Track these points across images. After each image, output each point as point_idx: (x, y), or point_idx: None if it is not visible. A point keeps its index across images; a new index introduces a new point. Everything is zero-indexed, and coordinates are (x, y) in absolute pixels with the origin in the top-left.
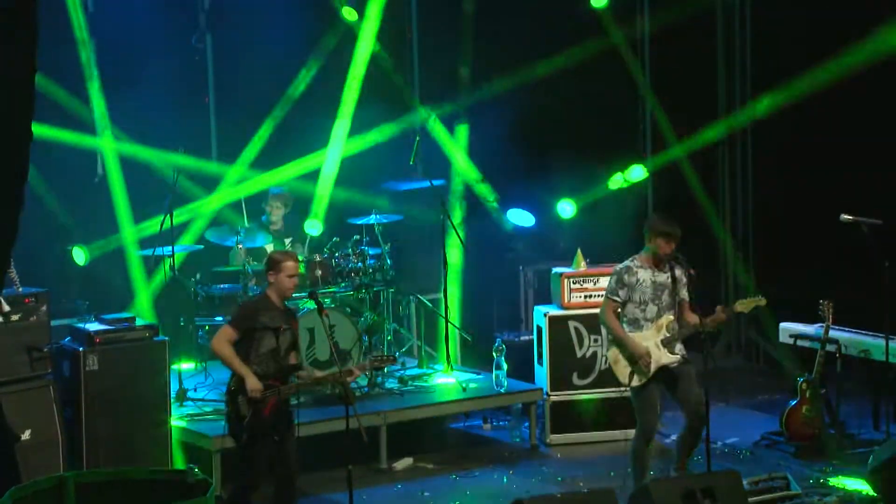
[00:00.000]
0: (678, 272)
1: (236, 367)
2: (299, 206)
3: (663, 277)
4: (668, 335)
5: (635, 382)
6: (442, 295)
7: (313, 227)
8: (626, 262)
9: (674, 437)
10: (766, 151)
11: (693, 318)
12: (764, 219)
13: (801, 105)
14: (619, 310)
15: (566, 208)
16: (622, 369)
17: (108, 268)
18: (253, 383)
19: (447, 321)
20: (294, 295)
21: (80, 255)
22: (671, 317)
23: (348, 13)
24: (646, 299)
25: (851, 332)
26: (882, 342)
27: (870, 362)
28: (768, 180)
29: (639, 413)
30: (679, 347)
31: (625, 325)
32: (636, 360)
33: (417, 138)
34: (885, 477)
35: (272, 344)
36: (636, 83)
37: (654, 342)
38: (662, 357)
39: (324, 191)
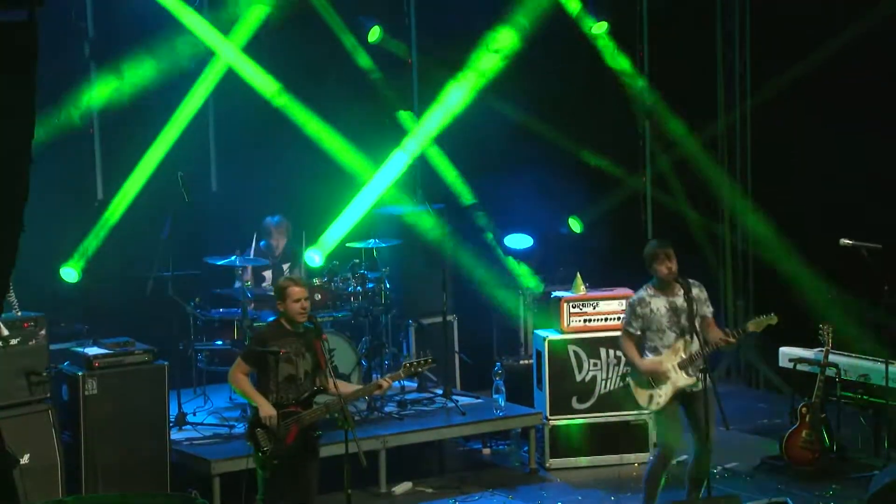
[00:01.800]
0: (696, 291)
1: (251, 396)
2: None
3: (679, 301)
4: (684, 357)
5: (654, 406)
6: (441, 319)
7: (313, 257)
8: (640, 293)
9: (683, 458)
10: (766, 176)
11: (717, 334)
12: (764, 241)
13: (800, 130)
14: (640, 339)
15: (573, 226)
16: (642, 393)
17: (105, 290)
18: (266, 410)
19: (447, 345)
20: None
21: (70, 274)
22: (688, 339)
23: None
24: (662, 327)
25: (851, 356)
26: (881, 367)
27: (869, 387)
28: (768, 203)
29: (660, 435)
30: (697, 372)
31: (647, 353)
32: (654, 377)
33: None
34: (886, 501)
35: (290, 370)
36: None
37: (671, 365)
38: (679, 380)
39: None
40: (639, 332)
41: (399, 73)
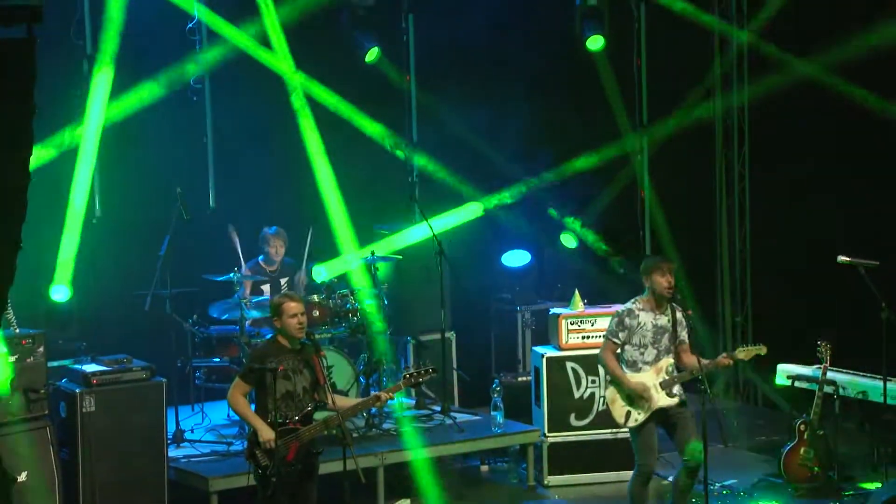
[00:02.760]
0: (679, 315)
1: (249, 419)
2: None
3: (664, 321)
4: (666, 378)
5: (631, 423)
6: (440, 335)
7: (319, 273)
8: (629, 304)
9: (671, 479)
10: (764, 193)
11: (692, 361)
12: (761, 258)
13: (798, 145)
14: (619, 351)
15: (568, 240)
16: (619, 409)
17: (103, 307)
18: (265, 434)
19: (445, 361)
20: None
21: (60, 292)
22: (670, 360)
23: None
24: (645, 342)
25: (849, 373)
26: (880, 384)
27: (868, 404)
28: (767, 221)
29: (637, 454)
30: (678, 389)
31: (623, 367)
32: (634, 398)
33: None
34: None
35: (287, 387)
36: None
37: (653, 384)
38: (660, 399)
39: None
40: (621, 343)
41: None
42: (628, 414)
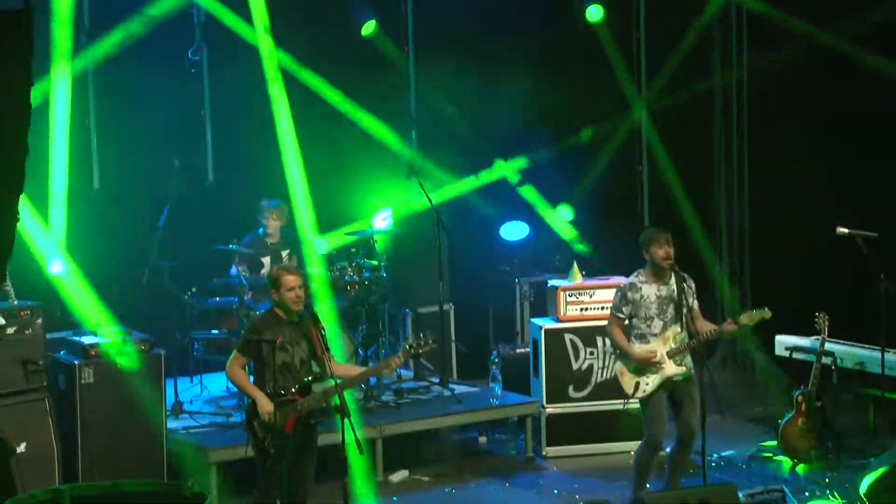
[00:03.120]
0: (684, 283)
1: (247, 390)
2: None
3: (668, 291)
4: (674, 347)
5: (640, 394)
6: (438, 308)
7: (321, 245)
8: (631, 279)
9: (669, 450)
10: (762, 164)
11: (706, 327)
12: (759, 231)
13: (797, 117)
14: (626, 324)
15: (564, 213)
16: (628, 381)
17: (101, 279)
18: (263, 405)
19: (443, 333)
20: None
21: (57, 266)
22: (678, 329)
23: (366, 28)
24: (651, 315)
25: (847, 344)
26: (877, 355)
27: (865, 375)
28: (764, 192)
29: (646, 424)
30: (687, 361)
31: (633, 340)
32: (643, 369)
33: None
34: (881, 489)
35: (284, 358)
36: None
37: (661, 354)
38: (668, 369)
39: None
40: (627, 318)
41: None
42: (637, 385)
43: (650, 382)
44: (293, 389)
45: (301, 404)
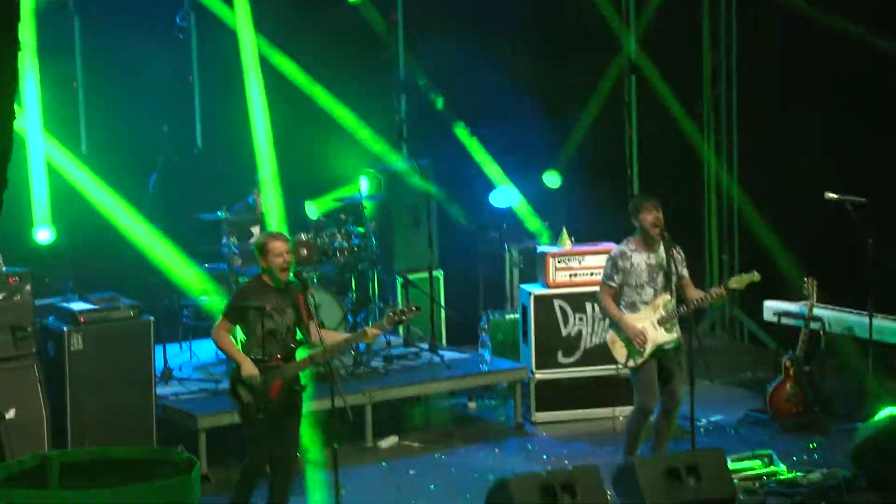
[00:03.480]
0: (673, 250)
1: (233, 355)
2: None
3: (657, 259)
4: (664, 314)
5: (632, 363)
6: (427, 274)
7: (310, 210)
8: (621, 247)
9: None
10: (752, 129)
11: (697, 294)
12: (748, 195)
13: (787, 81)
14: (616, 294)
15: (552, 180)
16: (619, 350)
17: (90, 245)
18: (248, 370)
19: (433, 300)
20: None
21: (44, 235)
22: (668, 297)
23: None
24: (641, 282)
25: (835, 309)
26: (866, 320)
27: (854, 340)
28: (754, 158)
29: (637, 392)
30: (675, 327)
31: (623, 309)
32: (631, 341)
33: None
34: (869, 453)
35: (270, 325)
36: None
37: (651, 322)
38: (658, 336)
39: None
40: (617, 286)
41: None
42: (628, 355)
43: (641, 354)
44: (278, 356)
45: (286, 370)
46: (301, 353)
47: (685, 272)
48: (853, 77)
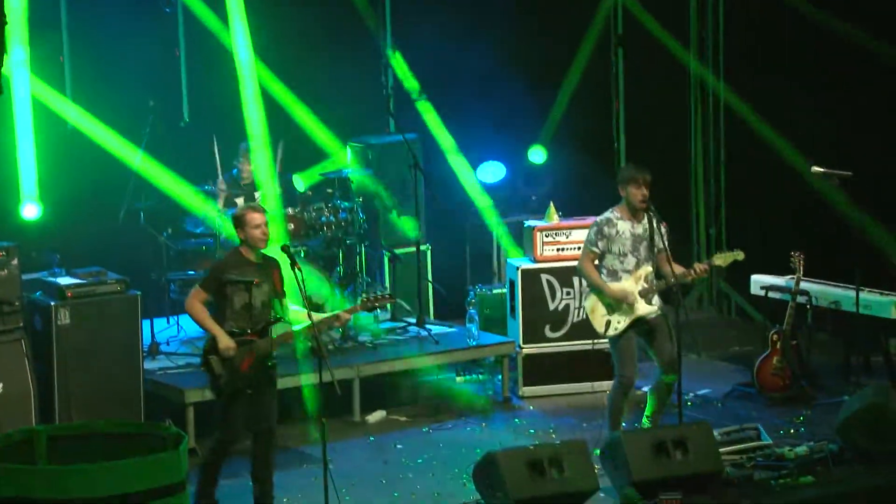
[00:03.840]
0: (656, 223)
1: (208, 326)
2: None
3: (641, 229)
4: (645, 286)
5: (611, 332)
6: (415, 248)
7: (298, 182)
8: (607, 214)
9: (646, 389)
10: (738, 102)
11: (677, 269)
12: (735, 169)
13: (774, 55)
14: (598, 261)
15: (537, 155)
16: (599, 319)
17: (76, 219)
18: (224, 342)
19: (420, 274)
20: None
21: (31, 211)
22: (649, 268)
23: None
24: (625, 251)
25: (822, 283)
26: (852, 293)
27: (840, 313)
28: (740, 131)
29: (617, 364)
30: (656, 300)
31: (605, 277)
32: (616, 306)
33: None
34: (856, 427)
35: (245, 299)
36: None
37: (633, 291)
38: (640, 307)
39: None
40: (600, 252)
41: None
42: (608, 323)
43: (621, 321)
44: (251, 330)
45: (258, 346)
46: (279, 329)
47: (664, 246)
48: (840, 49)
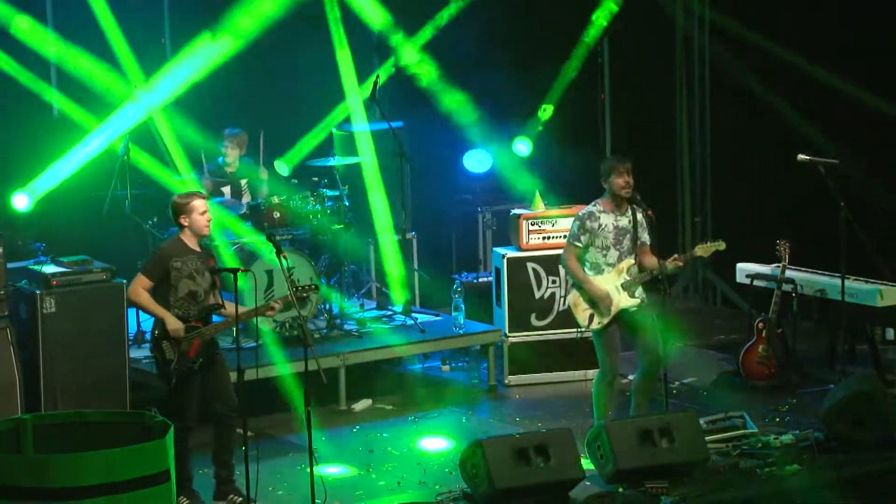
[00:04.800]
0: (640, 216)
1: (154, 311)
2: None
3: (625, 222)
4: (628, 279)
5: (595, 325)
6: (401, 237)
7: (281, 167)
8: (589, 208)
9: (631, 378)
10: (724, 91)
11: (652, 262)
12: (721, 159)
13: (761, 42)
14: (581, 254)
15: (522, 147)
16: (582, 312)
17: (62, 208)
18: (173, 324)
19: (405, 263)
20: (251, 237)
21: (22, 201)
22: (632, 261)
23: None
24: (608, 244)
25: (807, 272)
26: (838, 282)
27: (826, 302)
28: (726, 120)
29: (600, 355)
30: (639, 291)
31: (587, 270)
32: (596, 303)
33: (377, 75)
34: (841, 416)
35: (190, 287)
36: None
37: (615, 286)
38: (622, 300)
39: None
40: (583, 246)
41: None
42: (591, 317)
43: (604, 316)
44: (195, 317)
45: (203, 333)
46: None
47: (647, 238)
48: (833, 35)
